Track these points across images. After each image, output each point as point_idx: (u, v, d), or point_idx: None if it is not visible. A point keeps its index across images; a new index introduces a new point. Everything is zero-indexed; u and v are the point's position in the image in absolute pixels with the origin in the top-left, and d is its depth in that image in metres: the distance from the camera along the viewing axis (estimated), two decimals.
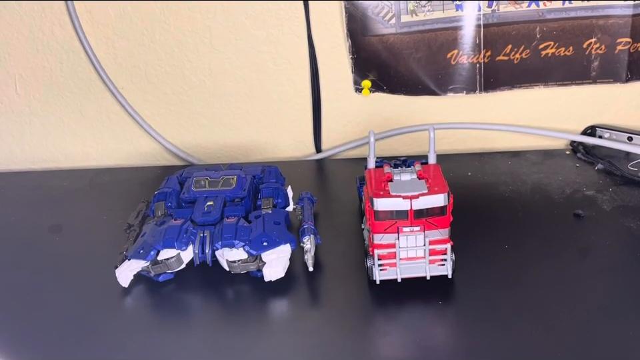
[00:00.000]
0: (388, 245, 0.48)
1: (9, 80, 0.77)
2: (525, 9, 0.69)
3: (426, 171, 0.50)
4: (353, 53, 0.72)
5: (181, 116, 0.78)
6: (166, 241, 0.52)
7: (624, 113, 0.75)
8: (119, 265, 0.53)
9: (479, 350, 0.44)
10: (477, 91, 0.73)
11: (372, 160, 0.52)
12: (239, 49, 0.74)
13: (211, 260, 0.53)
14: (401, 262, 0.49)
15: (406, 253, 0.48)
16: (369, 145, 0.51)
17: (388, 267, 0.49)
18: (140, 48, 0.75)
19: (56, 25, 0.74)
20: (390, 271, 0.49)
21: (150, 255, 0.51)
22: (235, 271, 0.52)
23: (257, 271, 0.52)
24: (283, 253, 0.52)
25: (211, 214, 0.55)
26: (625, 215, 0.60)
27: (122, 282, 0.52)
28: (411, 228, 0.47)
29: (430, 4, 0.69)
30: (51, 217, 0.67)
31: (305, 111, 0.77)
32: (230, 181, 0.58)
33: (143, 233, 0.55)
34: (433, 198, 0.46)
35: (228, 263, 0.52)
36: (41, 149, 0.81)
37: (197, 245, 0.52)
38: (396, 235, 0.48)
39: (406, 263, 0.49)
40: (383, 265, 0.49)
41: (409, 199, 0.46)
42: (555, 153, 0.75)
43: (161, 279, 0.52)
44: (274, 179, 0.59)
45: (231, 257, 0.52)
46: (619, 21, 0.68)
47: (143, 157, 0.81)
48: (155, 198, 0.58)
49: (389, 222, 0.47)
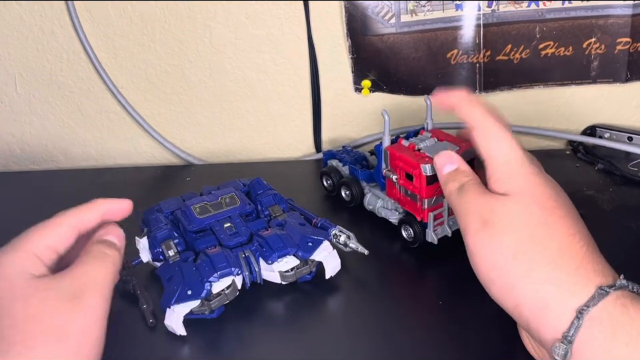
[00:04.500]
0: (437, 206, 0.53)
1: (9, 79, 0.77)
2: (525, 8, 0.69)
3: (436, 135, 0.55)
4: (353, 53, 0.72)
5: (181, 116, 0.78)
6: (221, 270, 0.48)
7: (624, 113, 0.75)
8: (151, 320, 0.49)
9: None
10: (477, 91, 0.73)
11: (387, 137, 0.56)
12: (239, 48, 0.74)
13: (261, 278, 0.51)
14: (449, 218, 0.54)
15: (449, 211, 0.53)
16: (384, 123, 0.55)
17: (438, 227, 0.54)
18: (140, 48, 0.75)
19: (56, 24, 0.74)
20: (441, 229, 0.54)
21: (205, 291, 0.47)
22: (289, 280, 0.51)
23: (308, 274, 0.52)
24: (329, 249, 0.52)
25: (239, 234, 0.52)
26: (625, 214, 0.60)
27: (180, 331, 0.47)
28: None
29: (430, 4, 0.69)
30: (51, 217, 0.66)
31: (305, 111, 0.77)
32: (230, 199, 0.56)
33: (168, 277, 0.49)
34: (470, 151, 0.50)
35: (281, 275, 0.50)
36: (41, 149, 0.81)
37: (245, 267, 0.50)
38: (441, 196, 0.51)
39: (452, 218, 0.54)
40: (435, 226, 0.53)
41: (457, 153, 0.49)
42: (555, 153, 0.75)
43: (216, 315, 0.49)
44: (261, 189, 0.58)
45: (283, 267, 0.50)
46: (618, 21, 0.68)
47: (143, 156, 0.81)
48: (157, 240, 0.53)
49: (435, 185, 0.51)
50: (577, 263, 0.39)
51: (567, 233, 0.40)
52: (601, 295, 0.37)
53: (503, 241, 0.40)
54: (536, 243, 0.40)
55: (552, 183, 0.44)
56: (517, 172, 0.43)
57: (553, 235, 0.40)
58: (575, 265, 0.39)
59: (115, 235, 0.46)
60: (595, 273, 0.39)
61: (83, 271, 0.41)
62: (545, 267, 0.39)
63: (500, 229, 0.41)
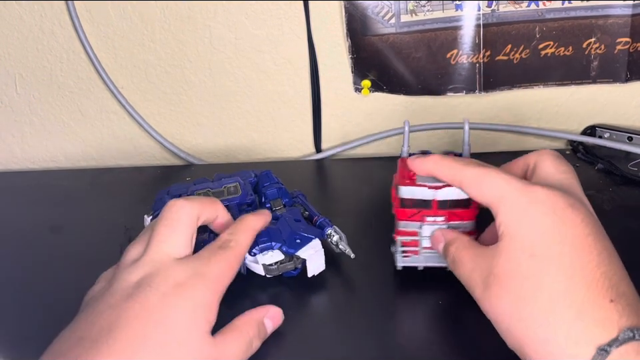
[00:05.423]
0: (411, 233, 0.49)
1: (9, 80, 0.78)
2: (525, 8, 0.69)
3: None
4: (353, 53, 0.72)
5: (181, 116, 0.78)
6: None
7: (624, 113, 0.75)
8: None
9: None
10: (477, 91, 0.73)
11: (405, 149, 0.52)
12: (239, 48, 0.74)
13: (245, 269, 0.52)
14: (424, 251, 0.50)
15: (429, 241, 0.49)
16: (404, 134, 0.51)
17: (411, 255, 0.50)
18: (140, 48, 0.75)
19: (56, 24, 0.74)
20: (413, 258, 0.50)
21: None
22: (272, 274, 0.51)
23: (293, 270, 0.52)
24: (317, 247, 0.52)
25: None
26: (625, 214, 0.60)
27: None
28: (435, 218, 0.48)
29: (430, 4, 0.69)
30: (51, 216, 0.67)
31: (305, 111, 0.77)
32: (233, 188, 0.57)
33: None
34: (457, 190, 0.46)
35: (265, 267, 0.50)
36: (41, 149, 0.81)
37: None
38: (419, 223, 0.48)
39: (429, 252, 0.50)
40: (406, 252, 0.50)
41: (433, 189, 0.47)
42: None
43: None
44: (269, 181, 0.59)
45: (267, 260, 0.50)
46: (618, 21, 0.68)
47: (143, 157, 0.81)
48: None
49: (413, 210, 0.48)
50: (572, 315, 0.35)
51: (560, 280, 0.37)
52: (601, 356, 0.34)
53: (501, 304, 0.38)
54: (529, 300, 0.37)
55: (555, 216, 0.38)
56: (510, 210, 0.40)
57: (543, 285, 0.37)
58: (570, 319, 0.35)
59: (273, 318, 0.46)
60: (594, 323, 0.35)
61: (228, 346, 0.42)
62: (541, 323, 0.36)
63: (496, 291, 0.39)
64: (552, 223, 0.38)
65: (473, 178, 0.43)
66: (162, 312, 0.39)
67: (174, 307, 0.39)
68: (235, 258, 0.45)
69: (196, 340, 0.39)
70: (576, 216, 0.39)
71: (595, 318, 0.35)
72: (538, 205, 0.39)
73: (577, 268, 0.37)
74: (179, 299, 0.40)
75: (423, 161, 0.46)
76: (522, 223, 0.39)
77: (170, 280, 0.40)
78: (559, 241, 0.38)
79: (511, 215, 0.39)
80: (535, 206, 0.39)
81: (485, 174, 0.42)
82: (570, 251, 0.37)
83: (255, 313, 0.45)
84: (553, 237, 0.38)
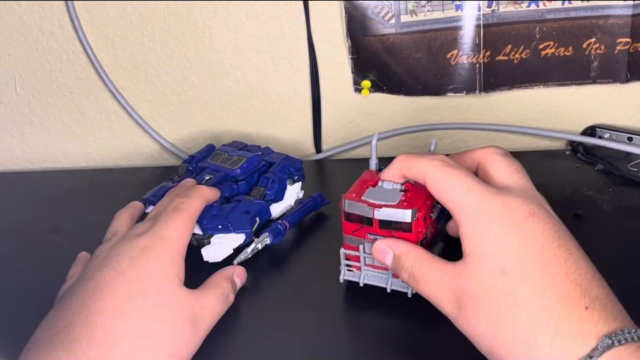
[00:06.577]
0: (354, 248, 0.48)
1: (9, 80, 0.78)
2: (525, 9, 0.69)
3: (417, 185, 0.46)
4: (353, 53, 0.72)
5: (181, 116, 0.78)
6: None
7: (624, 113, 0.75)
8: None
9: None
10: (477, 91, 0.73)
11: (373, 162, 0.51)
12: (239, 49, 0.74)
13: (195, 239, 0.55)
14: (366, 268, 0.48)
15: (371, 260, 0.47)
16: (371, 147, 0.50)
17: (355, 270, 0.49)
18: (140, 48, 0.75)
19: (56, 25, 0.74)
20: (356, 273, 0.49)
21: None
22: (193, 244, 0.54)
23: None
24: (232, 241, 0.53)
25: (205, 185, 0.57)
26: (625, 215, 0.60)
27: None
28: (375, 236, 0.46)
29: (430, 4, 0.69)
30: (51, 217, 0.67)
31: (305, 111, 0.77)
32: (238, 160, 0.60)
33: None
34: (397, 212, 0.44)
35: (193, 235, 0.54)
36: (41, 149, 0.81)
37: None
38: (362, 239, 0.47)
39: (371, 270, 0.48)
40: (350, 267, 0.49)
41: (372, 208, 0.45)
42: (555, 153, 0.75)
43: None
44: (281, 171, 0.60)
45: (196, 230, 0.54)
46: (618, 21, 0.68)
47: (143, 157, 0.81)
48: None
49: (357, 225, 0.47)
50: (551, 332, 0.35)
51: (534, 297, 0.36)
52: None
53: (480, 327, 0.38)
54: (509, 320, 0.36)
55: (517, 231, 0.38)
56: (473, 225, 0.39)
57: (520, 304, 0.36)
58: (550, 336, 0.35)
59: (239, 276, 0.50)
60: (573, 337, 0.34)
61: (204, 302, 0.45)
62: (523, 343, 0.36)
63: (473, 313, 0.38)
64: (516, 238, 0.38)
65: (435, 179, 0.42)
66: (135, 271, 0.43)
67: (144, 266, 0.43)
68: (189, 219, 0.49)
69: (173, 291, 0.43)
70: (537, 225, 0.38)
71: (572, 331, 0.35)
72: (500, 219, 0.39)
73: (547, 282, 0.36)
74: (147, 259, 0.44)
75: (392, 163, 0.46)
76: (488, 241, 0.38)
77: (136, 246, 0.45)
78: (526, 255, 0.37)
79: (474, 230, 0.39)
80: (498, 220, 0.38)
81: (445, 176, 0.41)
82: (538, 265, 0.37)
83: (225, 271, 0.49)
84: (519, 252, 0.37)
